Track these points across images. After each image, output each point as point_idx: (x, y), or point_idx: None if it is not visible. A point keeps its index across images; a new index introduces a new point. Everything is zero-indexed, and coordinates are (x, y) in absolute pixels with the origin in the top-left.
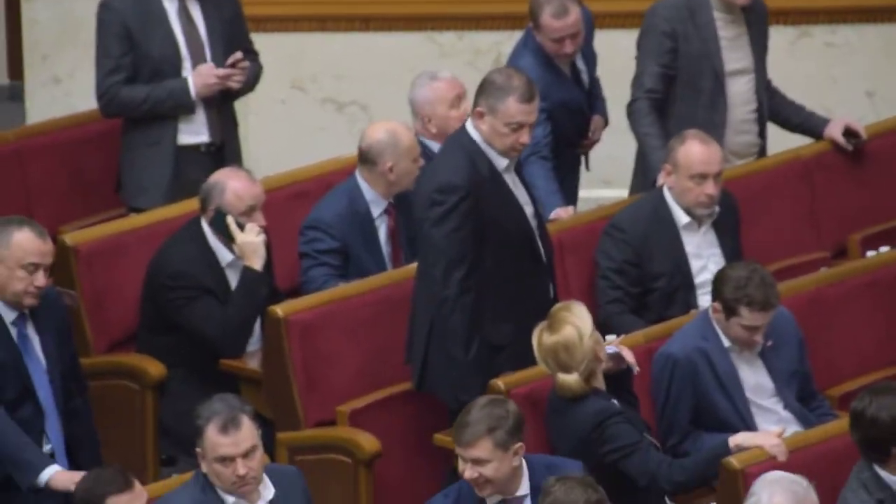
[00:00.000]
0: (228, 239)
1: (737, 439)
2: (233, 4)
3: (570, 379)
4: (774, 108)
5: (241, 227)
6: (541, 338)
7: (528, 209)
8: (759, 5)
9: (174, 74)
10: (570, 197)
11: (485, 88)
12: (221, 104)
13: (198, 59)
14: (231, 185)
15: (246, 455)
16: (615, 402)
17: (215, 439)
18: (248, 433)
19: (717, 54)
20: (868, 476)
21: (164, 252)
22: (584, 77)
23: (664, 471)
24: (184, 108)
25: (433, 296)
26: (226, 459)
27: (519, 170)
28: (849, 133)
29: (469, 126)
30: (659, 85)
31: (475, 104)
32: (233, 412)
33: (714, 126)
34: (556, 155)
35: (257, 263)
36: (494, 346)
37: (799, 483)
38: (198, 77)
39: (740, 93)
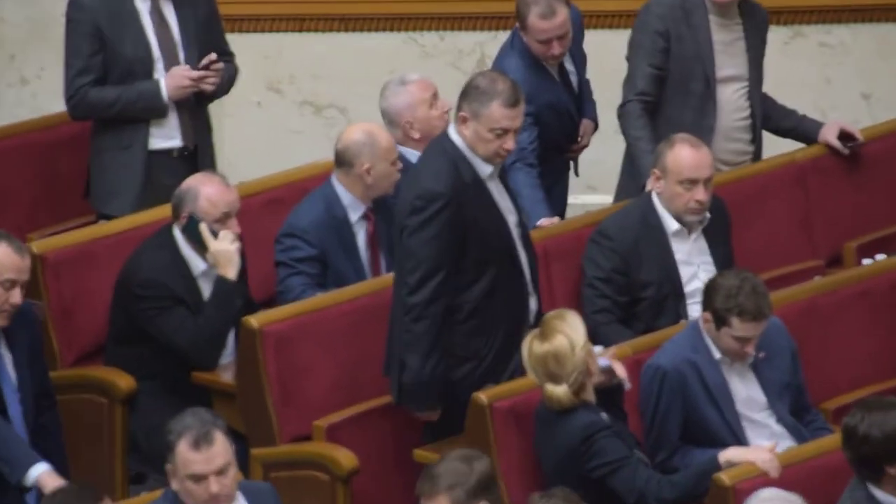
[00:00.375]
0: (201, 247)
1: (727, 454)
2: (208, 4)
3: (559, 390)
4: (766, 113)
5: (215, 234)
6: (531, 346)
7: (512, 218)
8: (758, 13)
9: (146, 76)
10: (559, 204)
11: (468, 93)
12: (195, 107)
13: (171, 61)
14: (205, 190)
15: (219, 472)
16: (604, 415)
17: (187, 456)
18: (221, 449)
19: (709, 58)
20: (862, 495)
21: (134, 260)
22: (573, 79)
23: (653, 488)
24: (155, 110)
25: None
26: (198, 477)
27: (503, 177)
28: (844, 136)
29: (452, 131)
30: (651, 87)
31: (458, 109)
32: (205, 427)
33: (703, 131)
34: (544, 160)
35: (231, 272)
36: (462, 358)
37: (793, 501)
38: (170, 79)
39: (732, 99)
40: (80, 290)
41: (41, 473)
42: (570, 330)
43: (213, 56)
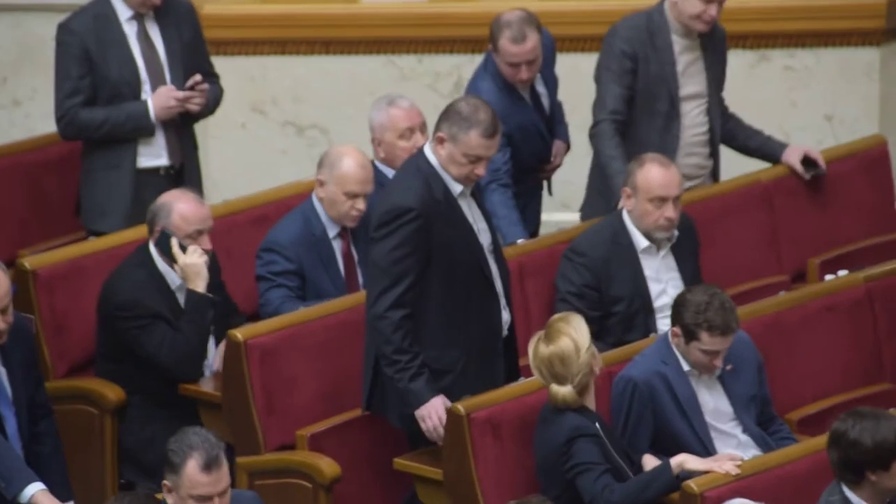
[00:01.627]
0: (172, 260)
1: (678, 459)
2: (193, 27)
3: (564, 390)
4: (731, 132)
5: (184, 249)
6: (537, 347)
7: (484, 235)
8: (716, 30)
9: (133, 97)
10: (533, 222)
11: (449, 115)
12: (181, 127)
13: (157, 82)
14: (178, 207)
15: (222, 493)
16: (597, 425)
17: (196, 477)
18: (225, 472)
19: (673, 78)
20: (838, 500)
21: (111, 281)
22: (545, 101)
23: (605, 493)
24: (143, 130)
25: None
26: (204, 498)
27: (476, 195)
28: (808, 161)
29: (427, 149)
30: (621, 106)
31: (437, 128)
32: (214, 450)
33: (666, 149)
34: (518, 181)
35: (200, 286)
36: (440, 371)
37: None
38: (157, 99)
39: (692, 116)
40: (71, 305)
41: (37, 492)
42: (574, 332)
43: (199, 77)
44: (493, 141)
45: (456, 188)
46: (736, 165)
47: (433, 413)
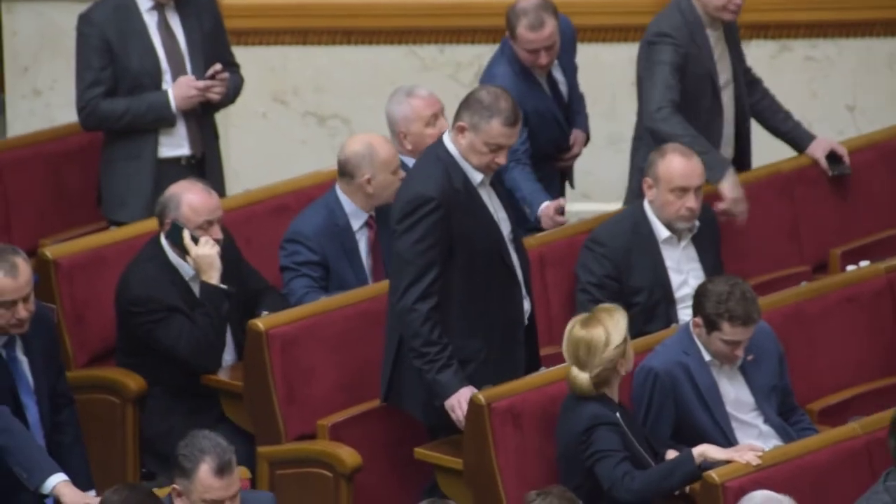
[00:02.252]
0: (184, 252)
1: (700, 449)
2: (214, 17)
3: (581, 377)
4: (763, 111)
5: (196, 240)
6: (573, 328)
7: (504, 224)
8: None
9: (154, 87)
10: None
11: (470, 105)
12: (202, 117)
13: (178, 72)
14: (186, 198)
15: (233, 497)
16: (618, 414)
17: (209, 482)
18: (237, 475)
19: (714, 73)
20: (895, 485)
21: (125, 277)
22: (563, 88)
23: (625, 480)
24: (164, 120)
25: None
26: (216, 502)
27: (496, 185)
28: (833, 157)
29: (446, 138)
30: (676, 96)
31: (458, 118)
32: (227, 455)
33: (713, 141)
34: (535, 168)
35: (214, 277)
36: (462, 361)
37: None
38: (177, 89)
39: (729, 107)
40: (92, 294)
41: (59, 483)
42: (611, 326)
43: (219, 66)
44: (514, 129)
45: (476, 177)
46: (757, 155)
47: (462, 403)
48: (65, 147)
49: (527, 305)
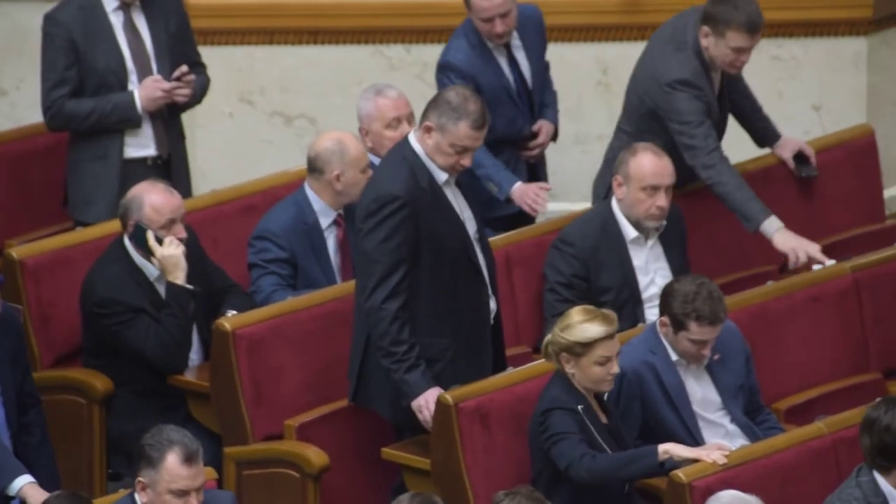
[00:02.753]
0: (149, 253)
1: (665, 446)
2: (180, 16)
3: (545, 341)
4: (744, 111)
5: (160, 241)
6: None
7: (470, 223)
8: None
9: (120, 87)
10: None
11: (438, 105)
12: (168, 117)
13: (144, 72)
14: (148, 198)
15: (198, 490)
16: (581, 407)
17: (177, 471)
18: (202, 468)
19: (716, 106)
20: (867, 480)
21: (89, 279)
22: (526, 73)
23: (584, 461)
24: (129, 121)
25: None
26: (182, 493)
27: (461, 185)
28: (801, 158)
29: (412, 138)
30: (715, 139)
31: (425, 117)
32: (194, 445)
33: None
34: (498, 155)
35: (180, 277)
36: (429, 360)
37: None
38: (143, 90)
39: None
40: (58, 294)
41: (25, 485)
42: (578, 315)
43: (185, 68)
44: (481, 133)
45: (441, 176)
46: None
47: (430, 404)
48: (31, 147)
49: (492, 305)
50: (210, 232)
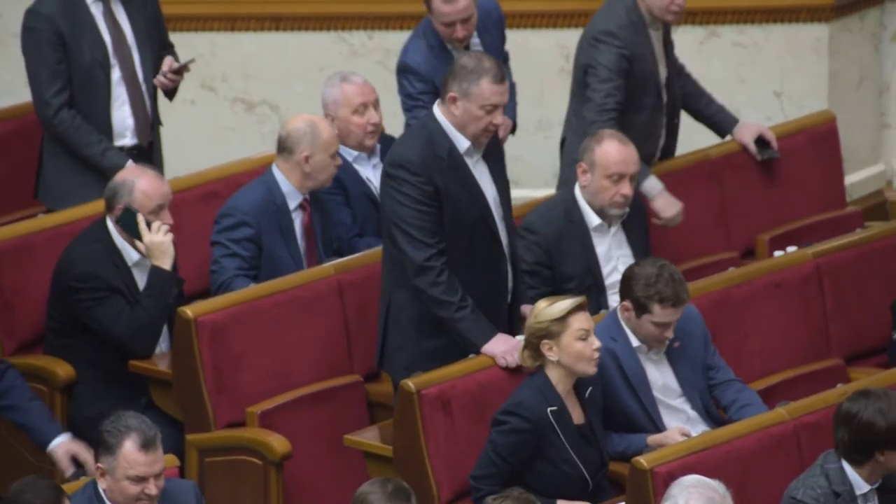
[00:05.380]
0: (136, 237)
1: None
2: (154, 3)
3: (522, 343)
4: (688, 96)
5: (149, 225)
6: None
7: (492, 194)
8: None
9: (104, 78)
10: None
11: (456, 73)
12: (149, 106)
13: (125, 64)
14: (139, 183)
15: (157, 476)
16: (550, 410)
17: (134, 456)
18: (161, 456)
19: (657, 72)
20: (834, 468)
21: (69, 253)
22: None
23: (482, 483)
24: (108, 171)
25: (395, 274)
26: (140, 479)
27: (494, 161)
28: (761, 142)
29: (436, 109)
30: (620, 104)
31: (446, 90)
32: (152, 431)
33: (652, 138)
34: None
35: (167, 263)
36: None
37: (715, 489)
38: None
39: (668, 101)
40: (21, 282)
41: (63, 441)
42: (557, 303)
43: (176, 65)
44: (504, 86)
45: (463, 144)
46: (685, 141)
47: (505, 348)
48: None
49: (510, 278)
50: (172, 218)
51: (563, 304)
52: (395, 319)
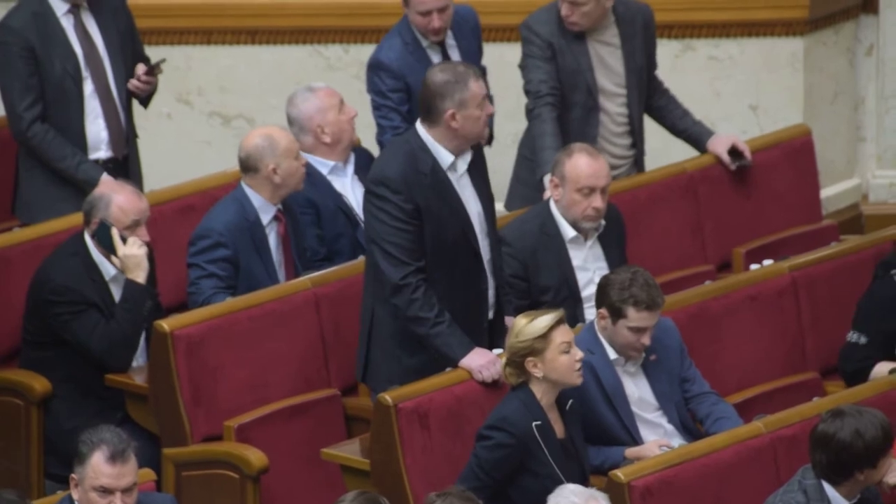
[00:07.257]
0: (111, 251)
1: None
2: (127, 14)
3: (504, 363)
4: (661, 110)
5: (124, 240)
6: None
7: (475, 210)
8: (637, 16)
9: (76, 91)
10: None
11: (444, 90)
12: (124, 119)
13: (98, 75)
14: (116, 198)
15: (125, 490)
16: (535, 424)
17: (100, 468)
18: (132, 468)
19: (589, 70)
20: (812, 484)
21: (45, 267)
22: None
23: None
24: (85, 185)
25: (376, 288)
26: (106, 490)
27: (478, 175)
28: (734, 152)
29: (419, 126)
30: (556, 85)
31: (440, 109)
32: (122, 444)
33: (586, 139)
34: None
35: (141, 276)
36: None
37: (597, 497)
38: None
39: (611, 107)
40: None
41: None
42: (537, 320)
43: (143, 67)
44: (484, 80)
45: (446, 160)
46: (662, 155)
47: (484, 363)
48: None
49: (491, 294)
50: (149, 232)
51: (544, 319)
52: (378, 333)
